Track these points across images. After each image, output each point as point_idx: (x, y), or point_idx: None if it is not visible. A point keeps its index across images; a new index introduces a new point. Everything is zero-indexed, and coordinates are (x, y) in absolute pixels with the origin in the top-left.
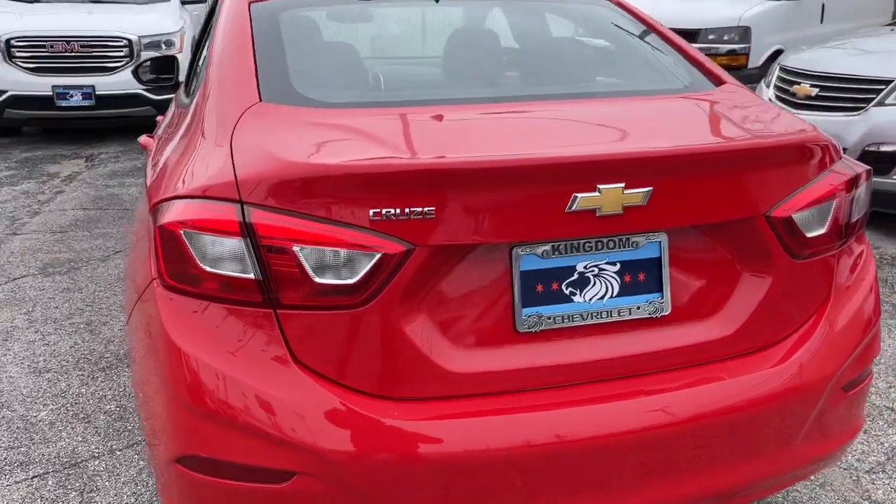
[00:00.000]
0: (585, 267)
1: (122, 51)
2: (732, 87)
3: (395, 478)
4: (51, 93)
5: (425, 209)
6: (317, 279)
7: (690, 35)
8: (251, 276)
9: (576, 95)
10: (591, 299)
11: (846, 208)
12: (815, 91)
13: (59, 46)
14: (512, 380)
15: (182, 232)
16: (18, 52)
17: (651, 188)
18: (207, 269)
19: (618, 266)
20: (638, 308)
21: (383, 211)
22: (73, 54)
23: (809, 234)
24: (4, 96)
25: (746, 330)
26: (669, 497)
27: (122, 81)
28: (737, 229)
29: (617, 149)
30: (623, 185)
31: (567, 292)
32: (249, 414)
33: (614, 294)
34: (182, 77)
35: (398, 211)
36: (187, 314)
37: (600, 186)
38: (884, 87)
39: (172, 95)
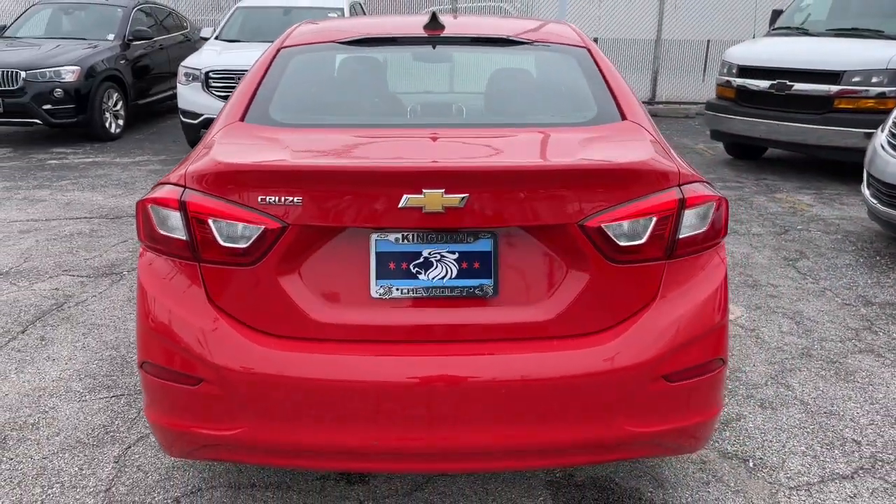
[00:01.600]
0: (430, 253)
1: None
2: (627, 123)
3: (265, 389)
4: None
5: (294, 198)
6: (222, 243)
7: (832, 77)
8: (184, 238)
9: (481, 125)
10: (433, 278)
11: (672, 225)
12: None
13: None
14: (363, 332)
15: (149, 206)
16: (214, 82)
17: (467, 195)
18: (162, 232)
19: (456, 255)
20: (471, 289)
21: (266, 198)
22: None
23: (624, 244)
24: (200, 118)
25: (565, 317)
26: (464, 441)
27: None
28: (557, 234)
29: (439, 163)
30: (443, 190)
31: (414, 271)
32: (178, 336)
33: (453, 276)
34: None
35: (276, 198)
36: (152, 264)
37: (425, 190)
38: None
39: None
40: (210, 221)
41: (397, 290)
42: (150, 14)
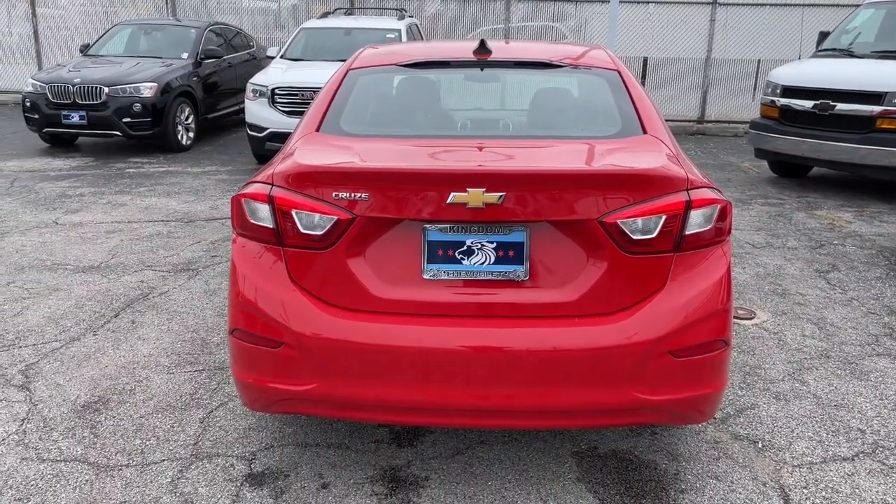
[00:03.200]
0: (472, 243)
1: None
2: (647, 137)
3: (334, 352)
4: None
5: (361, 194)
6: (302, 230)
7: (875, 98)
8: (271, 226)
9: (519, 137)
10: (474, 264)
11: (679, 223)
12: None
13: (307, 95)
14: (415, 307)
15: (242, 200)
16: (279, 98)
17: (504, 193)
18: (253, 221)
19: (494, 244)
20: (506, 273)
21: (339, 193)
22: None
23: (636, 237)
24: (266, 132)
25: (586, 299)
26: (498, 401)
27: None
28: (580, 228)
29: (481, 167)
30: (484, 189)
31: (458, 257)
32: (264, 307)
33: (491, 262)
34: None
35: (347, 194)
36: (244, 248)
37: (469, 189)
38: None
39: None
40: (293, 213)
41: (444, 272)
42: (219, 34)
